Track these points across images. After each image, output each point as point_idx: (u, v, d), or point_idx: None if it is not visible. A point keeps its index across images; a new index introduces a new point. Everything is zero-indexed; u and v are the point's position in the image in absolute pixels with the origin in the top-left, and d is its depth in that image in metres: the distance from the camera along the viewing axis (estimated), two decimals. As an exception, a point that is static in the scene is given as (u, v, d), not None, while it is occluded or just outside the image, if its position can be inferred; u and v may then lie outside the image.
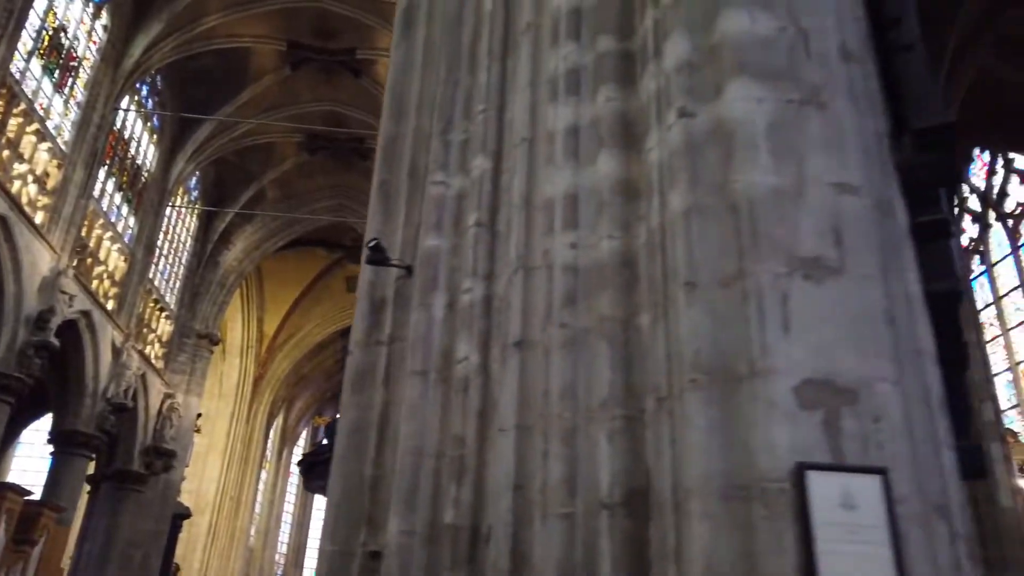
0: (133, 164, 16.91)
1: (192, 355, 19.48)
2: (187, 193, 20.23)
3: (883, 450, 1.82)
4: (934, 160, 2.70)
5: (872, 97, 2.84)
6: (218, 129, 18.56)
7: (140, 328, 16.84)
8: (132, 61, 14.86)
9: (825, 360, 1.90)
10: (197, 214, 20.45)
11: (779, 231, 2.06)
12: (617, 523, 2.03)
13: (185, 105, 17.53)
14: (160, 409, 17.81)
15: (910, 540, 1.74)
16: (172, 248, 19.45)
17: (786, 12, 2.39)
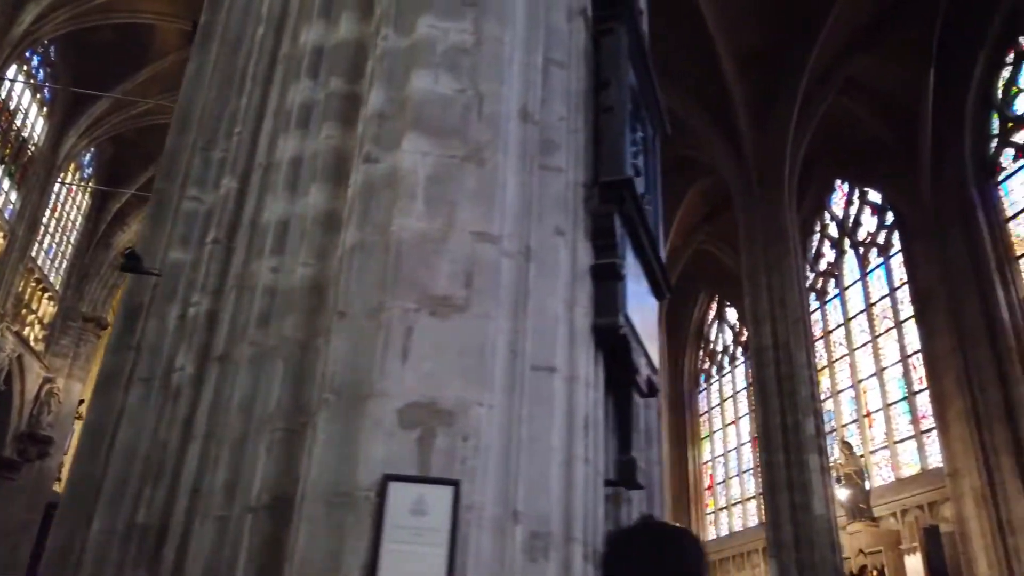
0: (18, 136, 16.12)
1: (77, 338, 18.71)
2: (80, 170, 19.41)
3: (465, 464, 2.13)
4: (614, 210, 3.09)
5: (577, 151, 3.23)
6: (116, 106, 17.91)
7: (18, 308, 16.07)
8: (21, 29, 14.21)
9: (432, 386, 2.21)
10: (90, 192, 19.63)
11: (419, 271, 2.36)
12: (259, 526, 2.27)
13: (80, 79, 16.84)
14: (38, 394, 17.04)
15: (474, 542, 2.06)
16: (60, 227, 18.61)
17: (468, 76, 2.70)
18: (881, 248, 16.72)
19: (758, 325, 12.14)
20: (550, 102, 3.19)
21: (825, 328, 18.55)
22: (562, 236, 2.96)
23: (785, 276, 12.19)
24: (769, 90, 13.38)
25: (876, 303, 16.66)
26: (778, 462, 10.89)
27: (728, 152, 14.00)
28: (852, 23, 12.81)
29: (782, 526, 10.46)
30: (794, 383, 11.30)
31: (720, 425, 22.98)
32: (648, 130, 4.07)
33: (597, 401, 2.99)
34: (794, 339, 11.65)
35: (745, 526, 19.90)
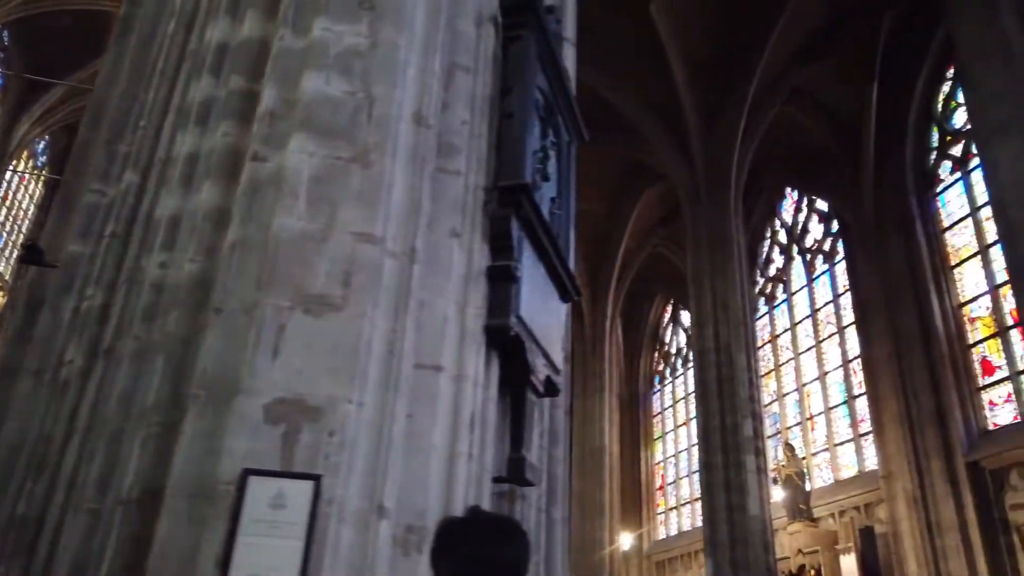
0: (-35, 121, 15.71)
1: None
2: (33, 158, 18.92)
3: (329, 459, 2.19)
4: (511, 214, 3.17)
5: (480, 155, 3.30)
6: (71, 93, 17.50)
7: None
8: (-27, 13, 13.84)
9: (302, 383, 2.26)
10: (43, 181, 19.16)
11: (297, 270, 2.41)
12: (129, 519, 2.29)
13: (36, 65, 16.43)
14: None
15: (333, 535, 2.12)
16: (11, 216, 18.14)
17: (360, 79, 2.75)
18: (827, 255, 17.12)
19: (701, 328, 12.37)
20: (453, 106, 3.26)
21: (773, 332, 18.93)
22: (457, 238, 3.03)
23: (728, 280, 12.43)
24: (718, 98, 13.63)
25: (821, 309, 17.06)
26: (716, 463, 11.11)
27: (678, 158, 14.22)
28: (799, 34, 13.11)
29: (719, 525, 10.68)
30: (734, 385, 11.54)
31: (672, 426, 23.26)
32: (563, 136, 4.15)
33: (488, 400, 3.06)
34: (735, 342, 11.90)
35: (693, 526, 20.19)
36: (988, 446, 11.65)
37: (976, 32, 6.87)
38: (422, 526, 2.53)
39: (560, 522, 3.88)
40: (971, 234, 13.10)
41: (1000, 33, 6.56)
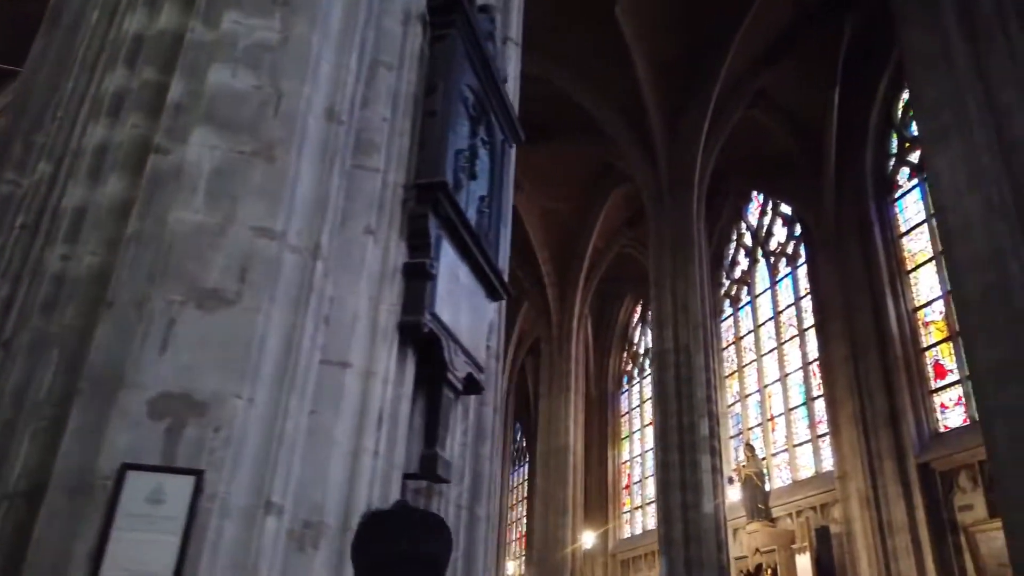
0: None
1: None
2: None
3: (213, 455, 2.18)
4: (428, 211, 3.18)
5: (400, 153, 3.30)
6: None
7: None
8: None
9: (189, 377, 2.24)
10: None
11: (191, 264, 2.39)
12: (13, 513, 2.26)
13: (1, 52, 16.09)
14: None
15: (214, 531, 2.11)
16: None
17: (268, 74, 2.74)
18: (789, 258, 17.34)
19: (661, 329, 12.46)
20: (374, 103, 3.26)
21: (737, 334, 19.13)
22: (372, 235, 3.03)
23: (689, 282, 12.54)
24: (682, 99, 13.75)
25: (783, 311, 17.27)
26: (673, 462, 11.20)
27: (643, 159, 14.32)
28: (762, 38, 13.25)
29: (673, 524, 10.77)
30: (692, 386, 11.65)
31: (639, 426, 23.41)
32: (496, 135, 4.16)
33: (401, 397, 3.07)
34: (694, 343, 12.00)
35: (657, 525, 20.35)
36: (938, 448, 11.87)
37: (921, 39, 7.00)
38: (320, 521, 2.53)
39: (484, 519, 3.89)
40: (927, 239, 13.34)
41: (944, 40, 6.69)
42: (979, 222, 5.95)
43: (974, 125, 6.25)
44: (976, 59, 6.49)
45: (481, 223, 3.82)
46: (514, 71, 5.21)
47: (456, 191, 3.45)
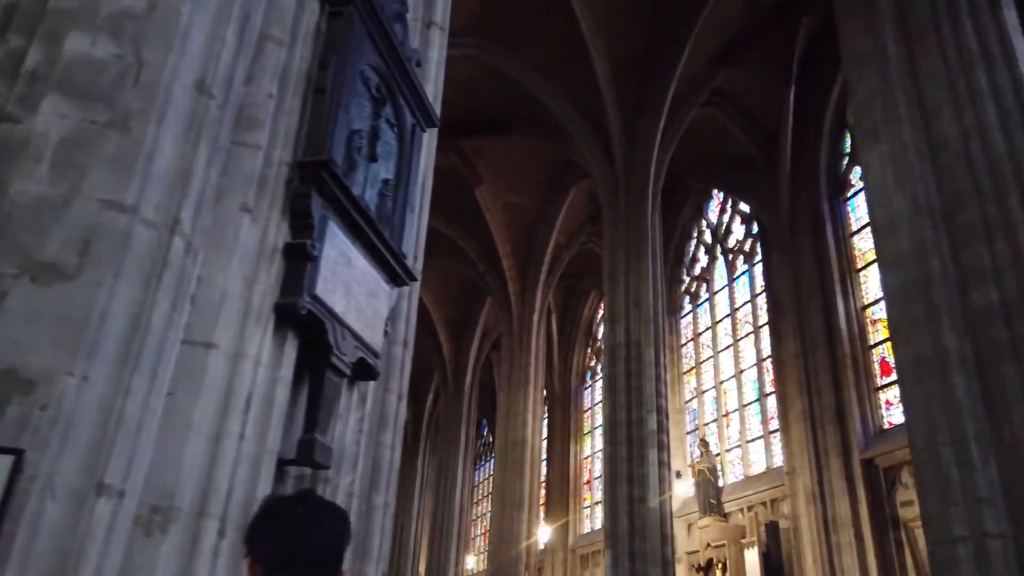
0: None
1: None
2: None
3: (38, 434, 2.08)
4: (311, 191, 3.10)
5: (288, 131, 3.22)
6: None
7: None
8: None
9: (17, 354, 2.14)
10: None
11: (28, 237, 2.29)
12: None
13: None
14: None
15: (33, 513, 2.02)
16: None
17: (131, 43, 2.63)
18: (747, 255, 17.50)
19: (614, 324, 12.48)
20: (260, 79, 3.17)
21: (695, 331, 19.28)
22: (249, 213, 2.95)
23: (642, 278, 12.57)
24: (639, 96, 13.77)
25: (740, 308, 17.42)
26: (620, 456, 11.23)
27: (600, 155, 14.32)
28: (719, 37, 13.31)
29: (619, 517, 10.80)
30: (642, 380, 11.68)
31: (601, 421, 23.47)
32: (406, 119, 4.09)
33: (276, 380, 2.98)
34: (645, 338, 12.03)
35: (614, 520, 20.44)
36: (882, 444, 12.04)
37: (857, 39, 7.04)
38: (170, 506, 2.45)
39: (382, 508, 3.83)
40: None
41: (878, 40, 6.74)
42: (905, 218, 6.01)
43: (903, 124, 6.31)
44: (910, 59, 6.55)
45: (383, 206, 3.76)
46: (438, 55, 5.13)
47: (349, 172, 3.38)
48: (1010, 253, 5.43)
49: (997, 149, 5.78)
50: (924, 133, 6.21)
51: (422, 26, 5.13)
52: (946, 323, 5.54)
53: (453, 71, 17.45)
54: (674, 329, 19.99)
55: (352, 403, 3.63)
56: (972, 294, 5.52)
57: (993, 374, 5.24)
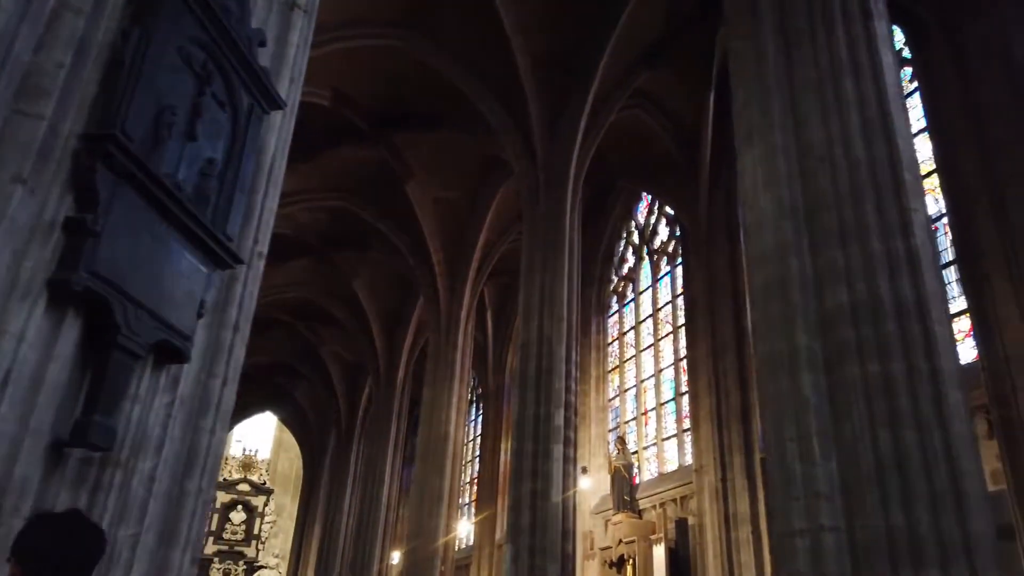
0: None
1: None
2: None
3: None
4: (97, 164, 3.02)
5: (82, 102, 3.13)
6: None
7: None
8: None
9: None
10: None
11: None
12: None
13: None
14: None
15: None
16: None
17: None
18: (670, 257, 17.78)
19: (527, 321, 12.54)
20: (50, 48, 3.07)
21: (621, 329, 19.52)
22: (23, 184, 2.86)
23: (557, 276, 12.65)
24: (562, 95, 13.84)
25: (661, 308, 17.70)
26: (527, 451, 11.29)
27: (522, 151, 14.35)
28: (641, 39, 13.47)
29: (522, 512, 10.85)
30: (551, 376, 11.75)
31: (529, 419, 23.54)
32: (241, 99, 4.01)
33: (49, 358, 2.90)
34: (556, 335, 12.12)
35: (537, 516, 20.54)
36: (783, 443, 12.33)
37: (740, 44, 7.20)
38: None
39: (195, 494, 3.75)
40: (788, 244, 13.84)
41: (759, 46, 6.89)
42: (770, 220, 6.15)
43: (776, 128, 6.46)
44: (787, 66, 6.71)
45: (204, 186, 3.67)
46: (300, 38, 5.05)
47: (155, 148, 3.30)
48: (861, 256, 5.60)
49: (857, 155, 5.96)
50: (794, 138, 6.37)
51: (283, 7, 5.04)
52: (800, 322, 5.69)
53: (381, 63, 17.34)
54: (601, 328, 20.22)
55: (159, 386, 3.55)
56: (825, 295, 5.68)
57: (838, 373, 5.40)
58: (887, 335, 5.32)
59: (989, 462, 8.83)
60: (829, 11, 6.61)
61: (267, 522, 42.90)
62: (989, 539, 4.78)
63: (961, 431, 5.01)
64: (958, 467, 4.89)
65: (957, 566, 4.61)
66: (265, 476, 43.22)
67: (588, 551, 16.51)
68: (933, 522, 4.76)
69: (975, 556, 4.65)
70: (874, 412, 5.17)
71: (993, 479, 8.74)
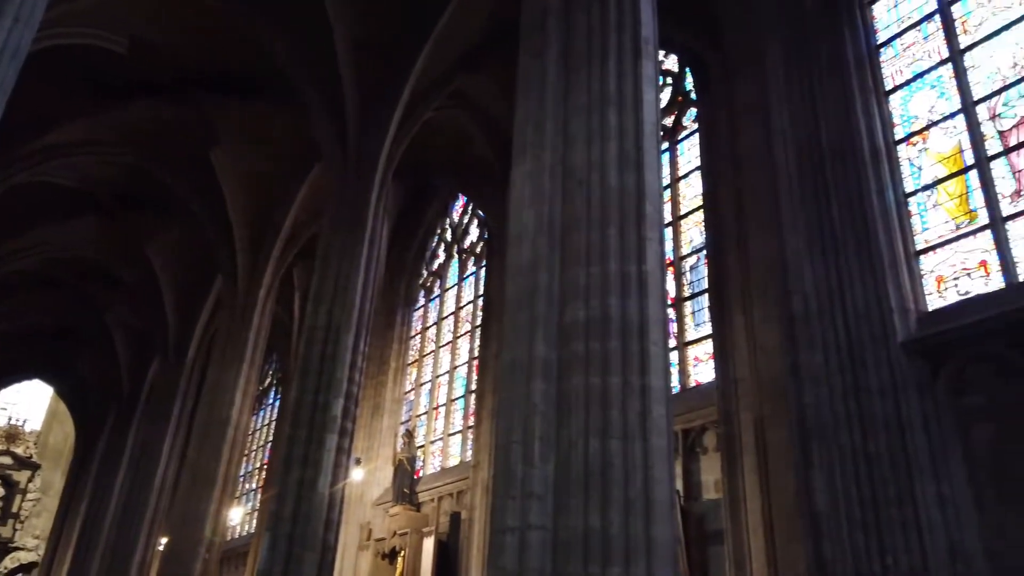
0: None
1: None
2: None
3: None
4: None
5: None
6: None
7: None
8: None
9: None
10: None
11: None
12: None
13: None
14: None
15: None
16: None
17: None
18: (477, 258, 18.18)
19: (317, 305, 12.26)
20: None
21: (424, 324, 19.66)
22: None
23: (354, 264, 12.49)
24: (379, 84, 13.68)
25: (463, 308, 18.05)
26: (300, 438, 11.04)
27: (335, 135, 14.02)
28: (463, 40, 13.62)
29: (286, 500, 10.60)
30: (334, 364, 11.58)
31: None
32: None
33: None
34: (345, 324, 11.96)
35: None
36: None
37: (526, 61, 7.51)
38: None
39: None
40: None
41: (542, 66, 7.22)
42: (529, 234, 6.47)
43: (547, 148, 6.80)
44: (565, 90, 7.08)
45: None
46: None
47: None
48: (600, 277, 6.03)
49: (611, 183, 6.40)
50: (561, 159, 6.73)
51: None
52: (541, 333, 6.03)
53: (193, 18, 16.07)
54: (406, 320, 20.24)
55: None
56: (566, 309, 6.06)
57: (566, 383, 5.78)
58: (611, 351, 5.76)
59: (715, 473, 9.86)
60: (605, 45, 7.05)
61: (30, 499, 38.62)
62: (668, 542, 5.32)
63: (659, 444, 5.54)
64: (652, 476, 5.40)
65: (637, 565, 5.09)
66: (33, 450, 38.92)
67: (364, 542, 16.46)
68: (624, 524, 5.21)
69: (653, 556, 5.16)
70: (590, 421, 5.58)
71: (716, 489, 9.77)
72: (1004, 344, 7.23)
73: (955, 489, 7.17)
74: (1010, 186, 8.03)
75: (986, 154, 8.29)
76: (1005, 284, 7.67)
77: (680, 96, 13.14)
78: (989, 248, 7.96)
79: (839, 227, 8.34)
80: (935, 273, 8.35)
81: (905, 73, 9.48)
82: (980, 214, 8.19)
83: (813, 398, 7.99)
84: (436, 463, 16.73)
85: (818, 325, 8.12)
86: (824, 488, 7.58)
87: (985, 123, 8.42)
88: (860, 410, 7.62)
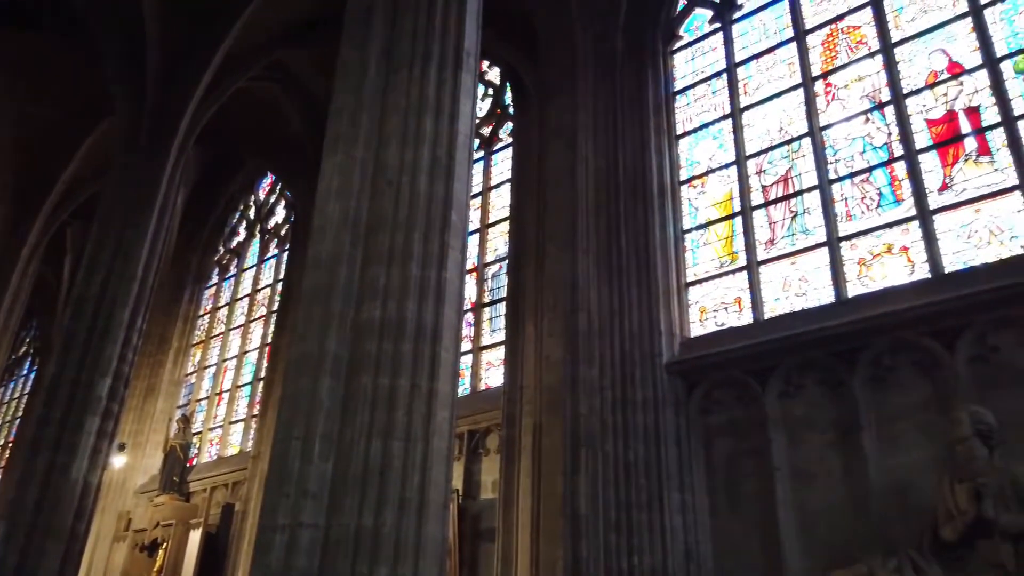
0: None
1: None
2: None
3: None
4: None
5: None
6: None
7: None
8: None
9: None
10: None
11: None
12: None
13: None
14: None
15: None
16: None
17: None
18: (281, 241, 17.50)
19: (91, 274, 11.16)
20: None
21: (216, 304, 18.56)
22: None
23: (139, 232, 11.52)
24: (189, 45, 12.77)
25: (260, 291, 17.28)
26: (54, 418, 9.98)
27: (131, 90, 12.85)
28: (292, 8, 13.09)
29: (30, 486, 9.54)
30: (104, 341, 10.61)
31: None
32: None
33: None
34: (123, 297, 11.00)
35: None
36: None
37: (348, 51, 7.43)
38: None
39: None
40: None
41: (363, 58, 7.17)
42: (333, 228, 6.40)
43: (360, 143, 6.76)
44: (384, 88, 7.07)
45: None
46: None
47: None
48: (400, 279, 6.11)
49: (420, 188, 6.50)
50: (374, 157, 6.72)
51: None
52: (335, 330, 5.99)
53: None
54: (195, 298, 18.99)
55: None
56: (363, 308, 6.07)
57: (355, 382, 5.79)
58: (403, 354, 5.85)
59: (494, 474, 10.30)
60: (428, 51, 7.15)
61: None
62: (438, 542, 5.51)
63: (440, 446, 5.72)
64: (429, 477, 5.56)
65: (404, 564, 5.22)
66: None
67: (121, 532, 15.19)
68: (396, 524, 5.32)
69: (422, 556, 5.32)
70: (375, 421, 5.63)
71: (494, 489, 10.21)
72: (743, 371, 8.30)
73: (696, 497, 8.12)
74: (766, 234, 9.22)
75: (750, 204, 9.45)
76: (753, 320, 8.79)
77: (499, 109, 13.56)
78: (744, 287, 9.09)
79: (625, 254, 9.11)
80: (699, 304, 9.37)
81: (694, 121, 10.56)
82: (740, 256, 9.32)
83: (587, 408, 8.65)
84: (213, 452, 15.84)
85: (597, 342, 8.81)
86: (587, 492, 8.23)
87: (752, 176, 9.60)
88: (625, 421, 8.39)
